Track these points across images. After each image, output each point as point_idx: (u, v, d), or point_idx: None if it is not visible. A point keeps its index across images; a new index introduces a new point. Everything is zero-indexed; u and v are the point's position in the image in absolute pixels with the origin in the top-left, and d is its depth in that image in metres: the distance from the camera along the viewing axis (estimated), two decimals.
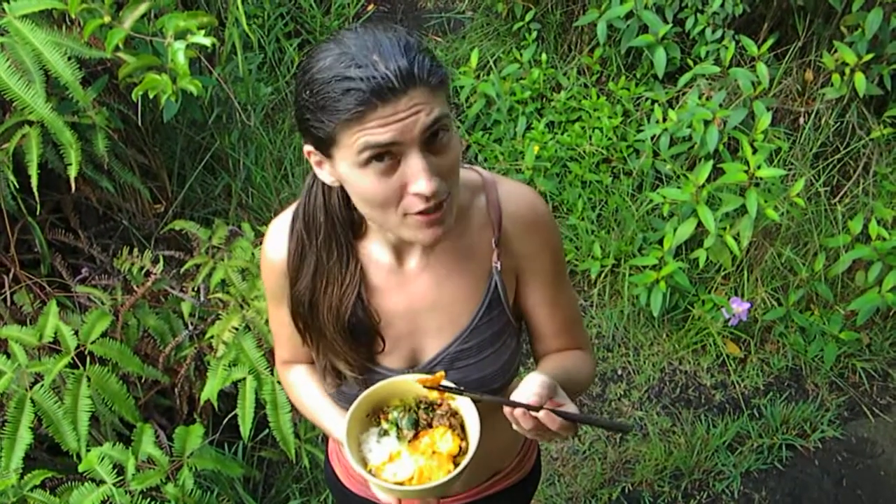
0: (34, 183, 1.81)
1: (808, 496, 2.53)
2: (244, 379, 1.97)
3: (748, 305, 2.69)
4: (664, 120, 3.12)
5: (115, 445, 1.80)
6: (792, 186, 2.75)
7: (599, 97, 3.45)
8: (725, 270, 2.92)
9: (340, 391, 1.18)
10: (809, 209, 2.99)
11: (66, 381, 1.82)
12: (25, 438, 1.74)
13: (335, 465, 1.46)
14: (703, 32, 3.19)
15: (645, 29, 3.26)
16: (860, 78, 2.86)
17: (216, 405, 2.01)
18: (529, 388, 0.97)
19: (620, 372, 2.88)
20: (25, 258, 2.14)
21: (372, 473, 1.03)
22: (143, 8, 1.77)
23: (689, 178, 2.72)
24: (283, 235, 1.14)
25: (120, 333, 2.01)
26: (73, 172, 1.81)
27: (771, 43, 3.06)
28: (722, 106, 3.01)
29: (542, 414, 0.96)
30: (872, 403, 2.79)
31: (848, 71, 2.90)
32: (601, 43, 3.37)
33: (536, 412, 0.96)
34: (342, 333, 1.11)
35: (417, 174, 0.92)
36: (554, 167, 3.27)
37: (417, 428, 1.06)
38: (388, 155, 0.91)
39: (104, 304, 2.05)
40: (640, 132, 3.27)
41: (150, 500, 1.75)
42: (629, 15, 3.27)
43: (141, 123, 2.21)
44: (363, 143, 0.90)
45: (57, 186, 2.16)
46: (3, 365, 1.79)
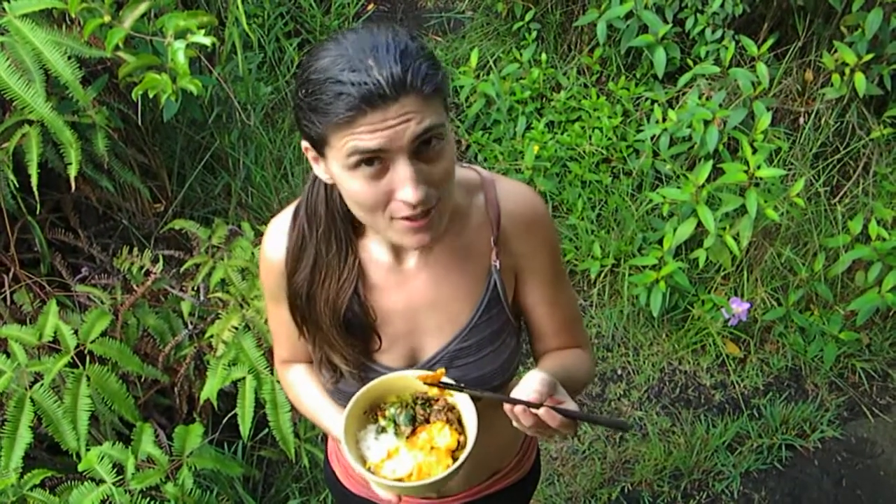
0: (34, 182, 1.81)
1: (807, 496, 2.53)
2: (244, 378, 1.97)
3: (748, 305, 2.69)
4: (664, 120, 3.12)
5: (114, 445, 1.79)
6: (792, 186, 2.75)
7: (599, 97, 3.45)
8: (725, 270, 2.92)
9: (338, 389, 1.18)
10: (809, 209, 2.99)
11: (65, 380, 1.82)
12: (25, 438, 1.74)
13: (334, 465, 1.46)
14: (702, 32, 3.20)
15: (645, 29, 3.26)
16: (860, 78, 2.86)
17: (216, 404, 2.01)
18: (529, 385, 0.97)
19: (620, 372, 2.88)
20: (25, 257, 2.14)
21: (371, 471, 1.03)
22: (143, 7, 1.77)
23: (688, 178, 2.72)
24: (282, 235, 1.14)
25: (119, 333, 2.01)
26: (73, 172, 1.81)
27: (771, 43, 3.06)
28: (722, 106, 3.01)
29: (542, 411, 0.96)
30: (872, 404, 2.79)
31: (848, 71, 2.90)
32: (601, 43, 3.38)
33: (536, 409, 0.96)
34: (338, 327, 1.12)
35: (404, 182, 0.92)
36: (554, 167, 3.27)
37: (415, 424, 1.06)
38: (377, 160, 0.92)
39: (104, 303, 2.05)
40: (639, 132, 3.27)
41: (149, 499, 1.74)
42: (629, 15, 3.27)
43: (141, 123, 2.21)
44: (351, 147, 0.90)
45: (57, 186, 2.16)
46: (2, 364, 1.79)
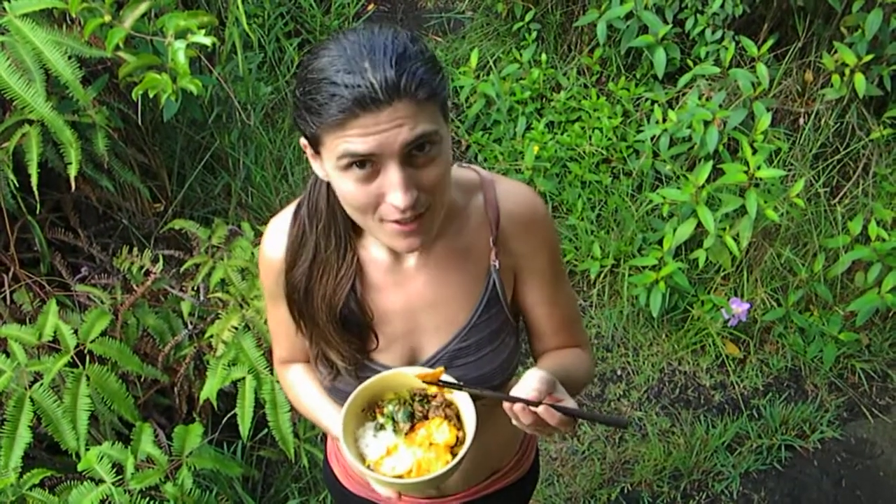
0: (34, 182, 1.81)
1: (807, 497, 2.53)
2: (243, 378, 1.97)
3: (747, 306, 2.69)
4: (664, 120, 3.12)
5: (114, 444, 1.79)
6: (791, 187, 2.75)
7: (599, 97, 3.45)
8: (725, 271, 2.92)
9: (335, 387, 1.18)
10: (809, 210, 2.99)
11: (65, 380, 1.82)
12: (24, 437, 1.74)
13: (334, 465, 1.46)
14: (702, 33, 3.20)
15: (645, 29, 3.27)
16: (860, 79, 2.86)
17: (215, 404, 2.01)
18: (529, 383, 0.97)
19: (620, 372, 2.88)
20: (25, 257, 2.14)
21: (370, 468, 1.03)
22: (143, 7, 1.77)
23: (688, 178, 2.72)
24: (281, 234, 1.14)
25: (119, 332, 2.01)
26: (73, 171, 1.81)
27: (771, 44, 3.06)
28: (722, 106, 3.01)
29: (541, 409, 0.96)
30: (872, 404, 2.79)
31: (848, 72, 2.90)
32: (601, 43, 3.38)
33: (536, 407, 0.96)
34: (334, 323, 1.12)
35: (394, 186, 0.92)
36: (554, 167, 3.27)
37: (413, 420, 1.06)
38: (368, 162, 0.92)
39: (104, 303, 2.05)
40: (639, 132, 3.27)
41: (149, 499, 1.74)
42: (629, 15, 3.27)
43: (141, 123, 2.21)
44: (342, 149, 0.91)
45: (57, 185, 2.16)
46: (2, 364, 1.79)
